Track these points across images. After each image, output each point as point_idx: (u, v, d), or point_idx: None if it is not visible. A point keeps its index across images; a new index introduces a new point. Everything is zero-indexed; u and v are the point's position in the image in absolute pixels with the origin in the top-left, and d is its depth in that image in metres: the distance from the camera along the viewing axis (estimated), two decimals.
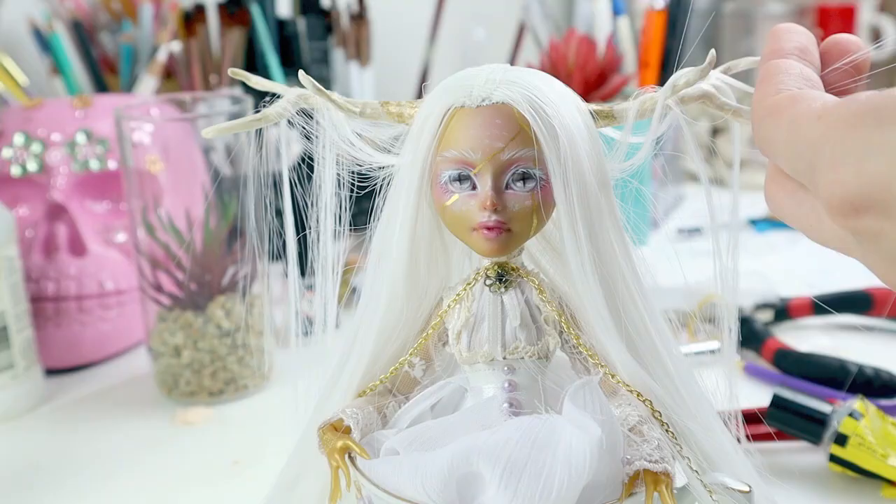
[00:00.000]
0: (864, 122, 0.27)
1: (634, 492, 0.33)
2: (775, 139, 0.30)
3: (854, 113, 0.27)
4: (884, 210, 0.26)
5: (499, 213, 0.35)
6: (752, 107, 0.32)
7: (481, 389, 0.37)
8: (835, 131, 0.27)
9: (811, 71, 0.32)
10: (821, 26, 1.40)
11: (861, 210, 0.27)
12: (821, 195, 0.28)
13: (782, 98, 0.30)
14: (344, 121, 0.38)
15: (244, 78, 0.40)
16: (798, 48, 0.33)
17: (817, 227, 0.30)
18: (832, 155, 0.27)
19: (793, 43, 0.33)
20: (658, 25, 1.00)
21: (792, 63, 0.32)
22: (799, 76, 0.31)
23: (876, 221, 0.27)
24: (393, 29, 1.21)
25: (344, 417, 0.37)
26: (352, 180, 0.39)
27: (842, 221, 0.28)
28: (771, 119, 0.30)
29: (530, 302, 0.37)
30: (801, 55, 0.33)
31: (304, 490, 0.40)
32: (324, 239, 0.40)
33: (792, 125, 0.29)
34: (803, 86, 0.31)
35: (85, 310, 0.75)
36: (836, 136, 0.27)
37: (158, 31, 0.91)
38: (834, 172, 0.27)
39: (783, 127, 0.30)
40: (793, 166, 0.30)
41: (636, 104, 0.36)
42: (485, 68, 0.36)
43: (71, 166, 0.76)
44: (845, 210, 0.27)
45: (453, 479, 0.32)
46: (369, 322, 0.39)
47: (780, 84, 0.31)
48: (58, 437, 0.66)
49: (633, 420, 0.35)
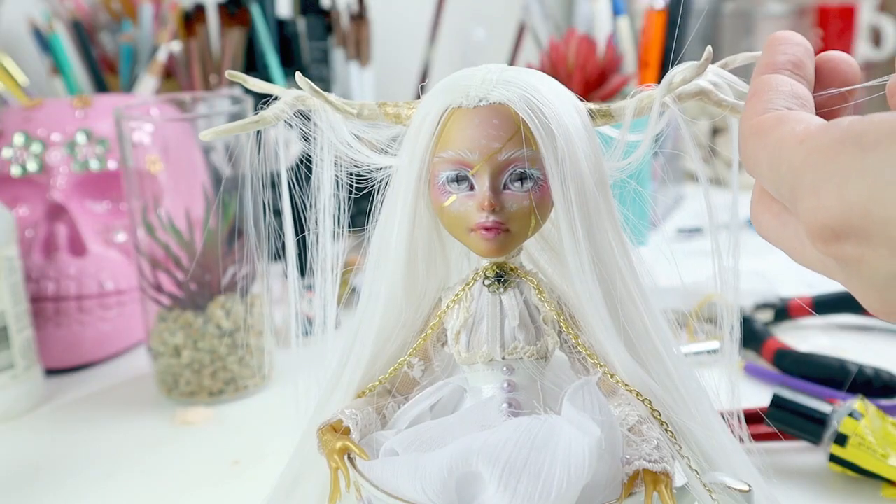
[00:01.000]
0: (846, 148, 0.26)
1: (634, 491, 0.33)
2: (759, 160, 0.30)
3: (836, 139, 0.27)
4: (864, 236, 0.26)
5: (497, 213, 0.35)
6: (740, 124, 0.32)
7: (480, 390, 0.37)
8: (817, 156, 0.27)
9: (803, 87, 0.32)
10: (821, 26, 1.40)
11: (842, 236, 0.27)
12: (802, 220, 0.28)
13: (768, 118, 0.30)
14: (341, 122, 0.38)
15: (241, 80, 0.40)
16: (792, 62, 0.33)
17: (801, 250, 0.30)
18: (813, 180, 0.27)
19: (787, 56, 0.33)
20: (658, 25, 1.00)
21: (783, 79, 0.32)
22: (789, 94, 0.31)
23: (856, 248, 0.26)
24: (393, 29, 1.21)
25: (343, 418, 0.37)
26: (350, 181, 0.39)
27: (823, 247, 0.27)
28: (756, 139, 0.30)
29: (529, 302, 0.37)
30: (795, 70, 0.32)
31: (305, 491, 0.40)
32: (323, 240, 0.40)
33: (776, 148, 0.29)
34: (792, 105, 0.31)
35: (85, 310, 0.75)
36: (818, 161, 0.27)
37: (158, 31, 0.91)
38: (815, 198, 0.27)
39: (767, 148, 0.29)
40: (776, 189, 0.29)
41: (633, 102, 0.36)
42: (482, 68, 0.36)
43: (71, 166, 0.76)
44: (826, 236, 0.27)
45: (452, 480, 0.32)
46: (368, 323, 0.39)
47: (769, 102, 0.31)
48: (58, 437, 0.66)
49: (633, 420, 0.35)
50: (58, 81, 0.90)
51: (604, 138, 0.38)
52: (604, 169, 0.37)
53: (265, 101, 0.40)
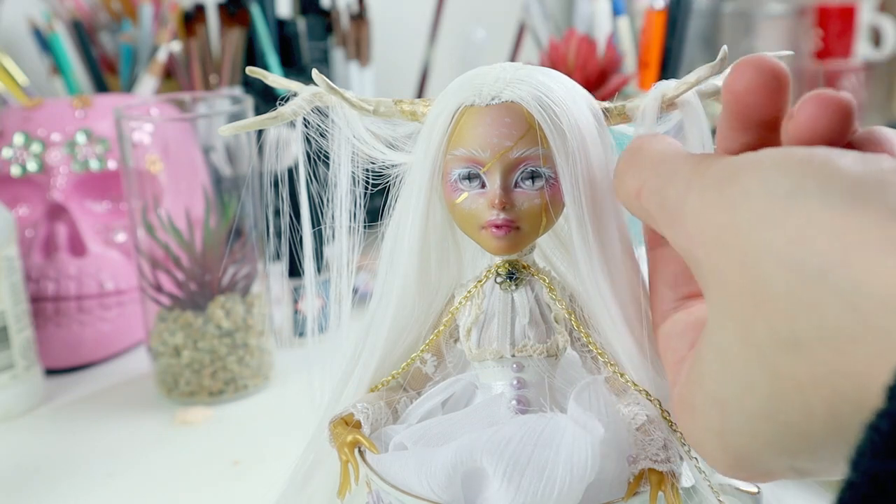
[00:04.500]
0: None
1: (639, 491, 0.33)
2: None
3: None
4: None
5: (507, 211, 0.35)
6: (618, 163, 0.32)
7: (490, 386, 0.37)
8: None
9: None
10: (821, 26, 1.40)
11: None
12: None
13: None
14: (357, 119, 0.39)
15: (261, 76, 0.41)
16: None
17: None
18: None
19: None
20: (658, 25, 1.00)
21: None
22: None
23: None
24: (393, 29, 1.22)
25: (354, 412, 0.37)
26: (365, 178, 0.39)
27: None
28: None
29: (540, 300, 0.37)
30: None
31: (317, 483, 0.40)
32: (339, 236, 0.40)
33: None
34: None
35: (85, 310, 0.75)
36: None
37: (158, 31, 0.91)
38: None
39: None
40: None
41: (655, 102, 0.36)
42: (495, 67, 0.36)
43: (71, 166, 0.76)
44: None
45: (457, 475, 0.32)
46: (381, 318, 0.39)
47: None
48: (58, 437, 0.65)
49: (641, 419, 0.35)
50: (58, 81, 0.90)
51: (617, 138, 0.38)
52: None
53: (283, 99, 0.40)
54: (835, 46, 1.39)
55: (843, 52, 1.38)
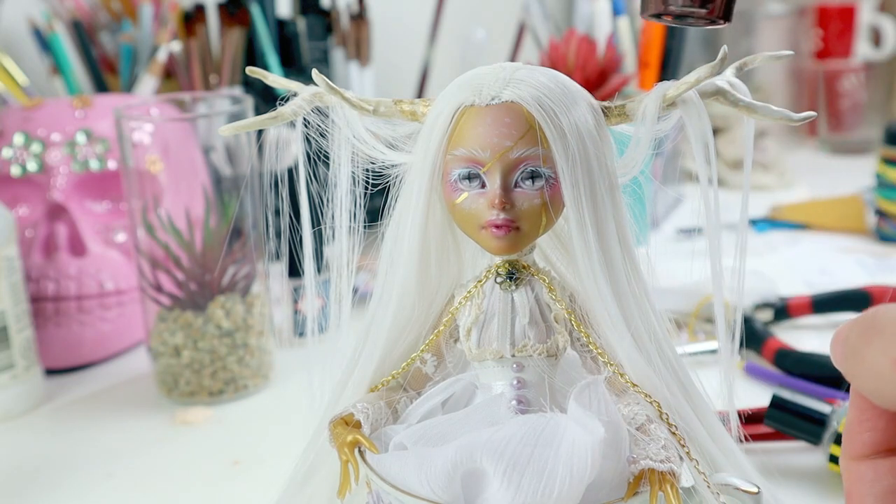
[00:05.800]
0: None
1: (639, 491, 0.33)
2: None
3: None
4: None
5: (507, 211, 0.35)
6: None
7: (490, 386, 0.37)
8: None
9: None
10: (821, 26, 1.40)
11: None
12: None
13: None
14: (357, 119, 0.39)
15: (261, 76, 0.41)
16: None
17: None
18: None
19: None
20: (658, 25, 1.00)
21: None
22: None
23: None
24: (393, 29, 1.22)
25: (354, 412, 0.37)
26: (365, 178, 0.39)
27: None
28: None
29: (540, 300, 0.37)
30: None
31: (317, 483, 0.41)
32: (339, 236, 0.40)
33: None
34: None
35: (85, 310, 0.75)
36: None
37: (158, 31, 0.91)
38: None
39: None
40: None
41: (655, 102, 0.36)
42: (496, 67, 0.36)
43: (71, 166, 0.76)
44: None
45: (457, 475, 0.32)
46: (381, 318, 0.39)
47: None
48: (58, 437, 0.65)
49: (641, 419, 0.35)
50: (58, 81, 0.90)
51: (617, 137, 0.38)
52: (615, 169, 0.37)
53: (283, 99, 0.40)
54: (835, 46, 1.39)
55: (843, 52, 1.39)
